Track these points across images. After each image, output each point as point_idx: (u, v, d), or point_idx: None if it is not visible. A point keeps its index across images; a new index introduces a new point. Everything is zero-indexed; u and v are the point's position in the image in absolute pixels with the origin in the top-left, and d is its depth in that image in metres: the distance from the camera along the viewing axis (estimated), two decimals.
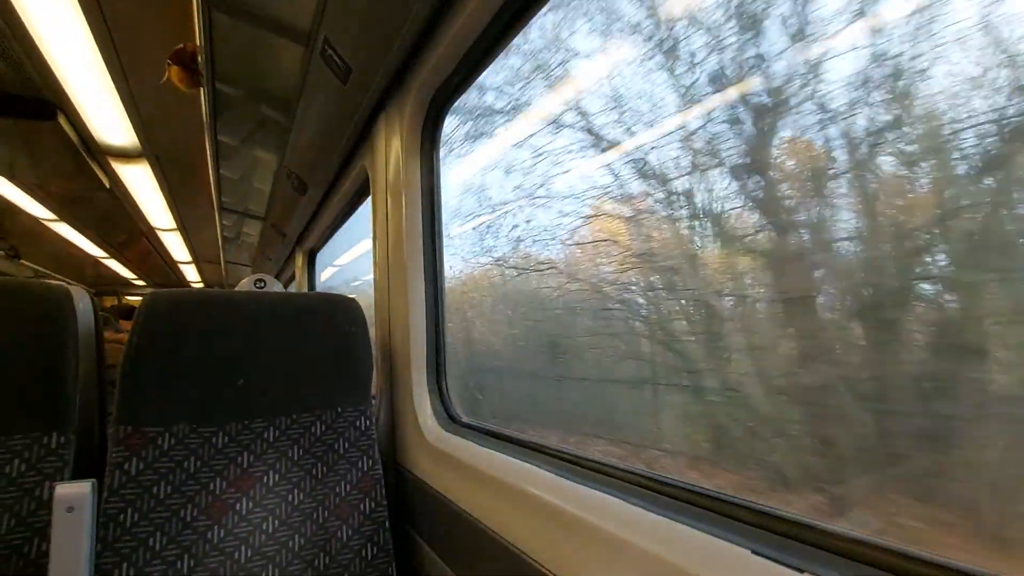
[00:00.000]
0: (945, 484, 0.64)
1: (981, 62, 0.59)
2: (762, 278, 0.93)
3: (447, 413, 1.26)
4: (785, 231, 0.86)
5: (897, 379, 0.72)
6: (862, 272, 0.76)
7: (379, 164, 1.49)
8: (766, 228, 0.88)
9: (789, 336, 0.87)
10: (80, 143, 2.76)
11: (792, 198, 0.86)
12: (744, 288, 0.96)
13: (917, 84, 0.66)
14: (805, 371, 0.83)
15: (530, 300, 1.55)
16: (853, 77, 0.71)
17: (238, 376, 1.07)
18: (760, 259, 0.92)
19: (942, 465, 0.65)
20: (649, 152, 1.06)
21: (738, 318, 0.96)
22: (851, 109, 0.72)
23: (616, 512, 0.66)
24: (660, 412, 1.12)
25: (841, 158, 0.75)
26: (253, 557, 0.99)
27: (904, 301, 0.71)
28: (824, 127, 0.76)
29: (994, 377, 0.62)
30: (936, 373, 0.67)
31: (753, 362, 0.92)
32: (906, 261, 0.72)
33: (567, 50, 1.21)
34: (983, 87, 0.59)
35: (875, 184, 0.73)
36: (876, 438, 0.72)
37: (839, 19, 0.71)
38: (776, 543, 0.51)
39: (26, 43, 1.82)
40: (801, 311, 0.84)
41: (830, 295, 0.80)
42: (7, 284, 1.02)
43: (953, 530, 0.60)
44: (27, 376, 0.97)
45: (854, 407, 0.74)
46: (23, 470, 0.92)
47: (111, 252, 6.73)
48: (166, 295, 1.07)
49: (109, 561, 0.90)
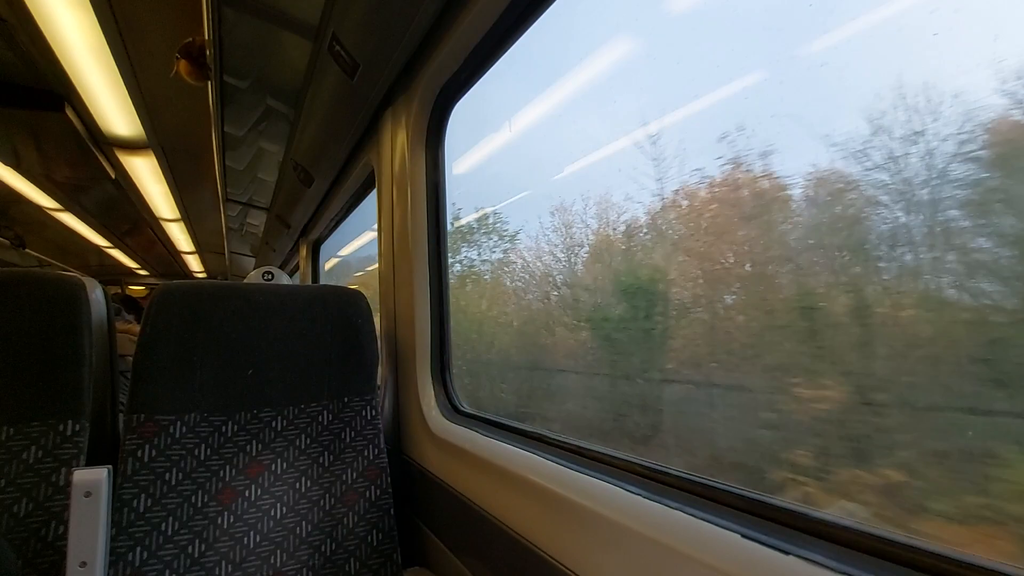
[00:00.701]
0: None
1: None
2: None
3: (451, 403, 1.29)
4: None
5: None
6: None
7: (385, 158, 1.51)
8: None
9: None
10: (86, 134, 2.78)
11: None
12: None
13: None
14: None
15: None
16: None
17: (248, 366, 1.10)
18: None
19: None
20: None
21: None
22: None
23: (614, 499, 0.69)
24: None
25: None
26: (261, 542, 1.02)
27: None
28: None
29: None
30: None
31: None
32: None
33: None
34: None
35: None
36: None
37: None
38: (765, 527, 0.54)
39: (35, 35, 1.84)
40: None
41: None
42: (23, 275, 1.05)
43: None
44: (43, 365, 1.00)
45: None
46: (40, 456, 0.95)
47: (115, 241, 6.75)
48: (178, 287, 1.09)
49: (124, 545, 0.93)
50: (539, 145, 1.50)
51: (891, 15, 0.73)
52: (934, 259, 0.73)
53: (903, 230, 0.75)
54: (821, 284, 0.88)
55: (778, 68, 0.89)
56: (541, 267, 1.63)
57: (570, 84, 1.33)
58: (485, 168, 1.71)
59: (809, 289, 0.89)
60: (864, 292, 0.81)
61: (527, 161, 1.59)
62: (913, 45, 0.71)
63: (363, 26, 1.17)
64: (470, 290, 1.92)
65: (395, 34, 1.16)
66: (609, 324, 1.37)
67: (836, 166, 0.83)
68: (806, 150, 0.85)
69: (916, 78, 0.71)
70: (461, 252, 1.89)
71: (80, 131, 2.70)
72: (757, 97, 0.93)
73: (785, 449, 0.89)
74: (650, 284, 1.21)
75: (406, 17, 1.10)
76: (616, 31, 1.19)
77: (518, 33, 1.04)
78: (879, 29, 0.74)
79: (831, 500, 0.79)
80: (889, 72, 0.74)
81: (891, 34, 0.73)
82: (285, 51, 1.48)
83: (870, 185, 0.79)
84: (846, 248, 0.85)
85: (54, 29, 1.79)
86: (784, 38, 0.88)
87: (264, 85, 1.69)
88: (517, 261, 1.76)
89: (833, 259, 0.87)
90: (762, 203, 0.97)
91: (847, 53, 0.78)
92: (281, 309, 1.15)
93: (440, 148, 1.36)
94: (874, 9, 0.76)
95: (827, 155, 0.83)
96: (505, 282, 1.84)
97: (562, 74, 1.32)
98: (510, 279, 1.81)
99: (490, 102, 1.35)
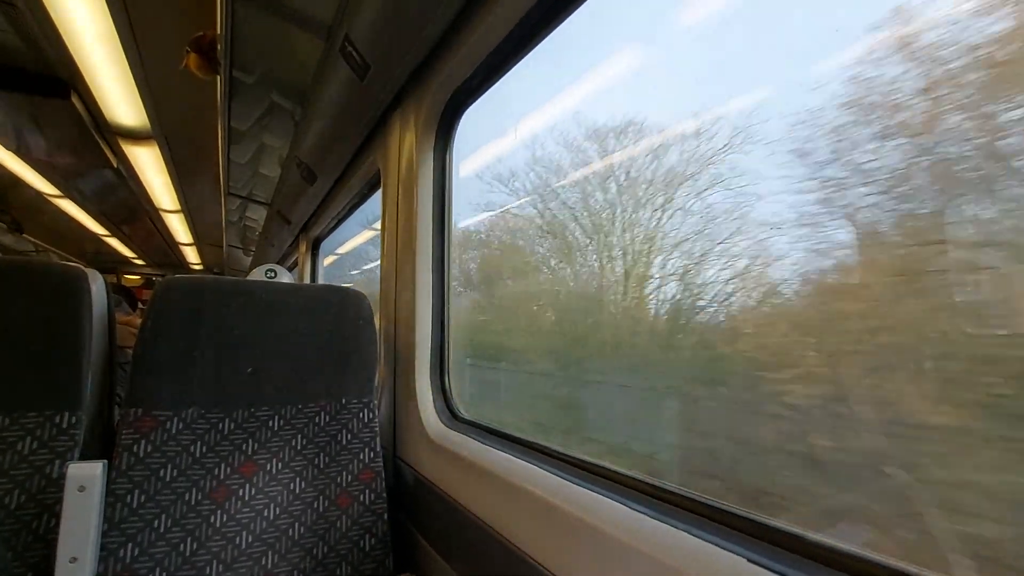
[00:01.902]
0: None
1: None
2: None
3: (449, 409, 1.28)
4: None
5: None
6: None
7: (392, 160, 1.50)
8: None
9: None
10: (91, 121, 2.76)
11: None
12: None
13: None
14: None
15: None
16: None
17: (247, 364, 1.09)
18: None
19: None
20: None
21: None
22: None
23: (614, 514, 0.68)
24: None
25: None
26: (254, 543, 1.01)
27: None
28: None
29: None
30: None
31: None
32: None
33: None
34: None
35: None
36: None
37: None
38: (771, 552, 0.54)
39: (43, 21, 1.83)
40: None
41: None
42: (24, 264, 1.04)
43: None
44: (41, 355, 0.99)
45: None
46: (35, 447, 0.94)
47: (112, 230, 6.72)
48: (181, 281, 1.08)
49: (115, 540, 0.92)
50: None
51: None
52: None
53: None
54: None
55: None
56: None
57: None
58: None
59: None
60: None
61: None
62: None
63: (376, 28, 1.17)
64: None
65: (408, 37, 1.16)
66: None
67: None
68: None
69: None
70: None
71: (84, 118, 2.69)
72: None
73: None
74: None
75: (420, 21, 1.10)
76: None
77: (535, 41, 1.04)
78: None
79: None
80: None
81: None
82: (295, 48, 1.48)
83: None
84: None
85: (63, 15, 1.78)
86: None
87: (271, 81, 1.68)
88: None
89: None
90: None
91: None
92: (283, 307, 1.15)
93: (448, 153, 1.36)
94: None
95: None
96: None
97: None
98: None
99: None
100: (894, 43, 0.75)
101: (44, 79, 2.40)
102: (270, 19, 1.33)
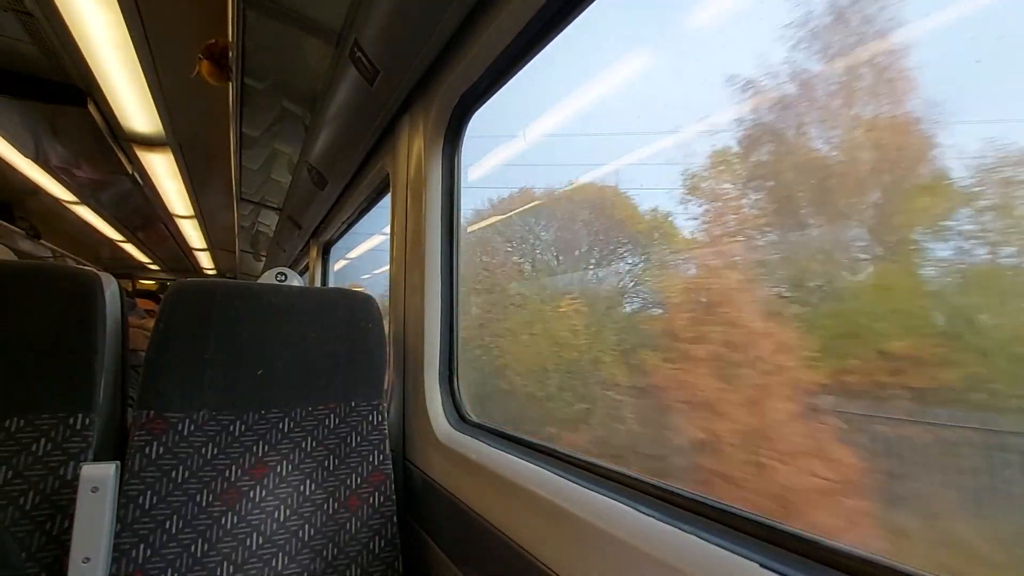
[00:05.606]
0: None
1: None
2: None
3: (458, 412, 1.28)
4: None
5: None
6: None
7: (400, 164, 1.51)
8: None
9: None
10: (107, 129, 2.81)
11: None
12: None
13: None
14: None
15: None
16: None
17: (258, 367, 1.10)
18: None
19: None
20: None
21: None
22: None
23: (625, 519, 0.68)
24: None
25: None
26: (264, 545, 1.01)
27: None
28: None
29: None
30: None
31: None
32: None
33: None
34: None
35: None
36: None
37: None
38: (785, 558, 0.53)
39: (61, 31, 1.87)
40: None
41: None
42: (40, 268, 1.05)
43: None
44: (55, 357, 1.00)
45: None
46: (49, 449, 0.95)
47: (128, 236, 6.82)
48: (191, 285, 1.09)
49: (128, 541, 0.93)
50: None
51: None
52: None
53: None
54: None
55: None
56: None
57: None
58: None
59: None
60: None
61: None
62: None
63: (385, 33, 1.18)
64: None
65: (417, 42, 1.16)
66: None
67: None
68: None
69: None
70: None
71: (101, 127, 2.74)
72: None
73: None
74: None
75: (428, 26, 1.11)
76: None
77: (542, 44, 1.05)
78: None
79: None
80: None
81: None
82: (305, 55, 1.49)
83: None
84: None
85: (80, 25, 1.82)
86: None
87: (282, 87, 1.70)
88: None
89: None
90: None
91: None
92: (293, 311, 1.15)
93: (456, 156, 1.36)
94: None
95: None
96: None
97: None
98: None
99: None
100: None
101: (62, 88, 2.44)
102: (280, 26, 1.35)
